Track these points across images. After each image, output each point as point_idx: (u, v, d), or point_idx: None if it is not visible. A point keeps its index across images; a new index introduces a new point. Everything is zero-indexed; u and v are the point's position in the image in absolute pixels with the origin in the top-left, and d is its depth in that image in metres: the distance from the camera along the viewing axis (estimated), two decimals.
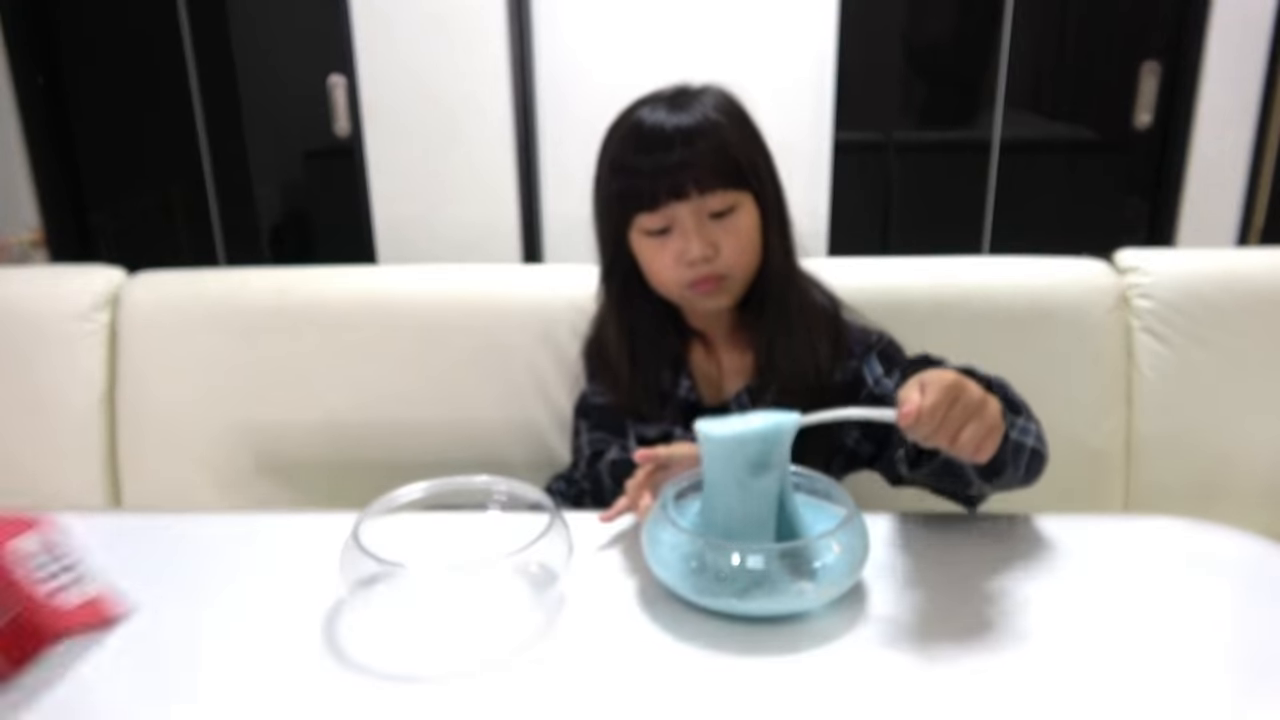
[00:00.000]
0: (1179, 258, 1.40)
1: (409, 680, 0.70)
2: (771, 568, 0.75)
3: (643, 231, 1.00)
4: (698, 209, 0.97)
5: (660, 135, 0.97)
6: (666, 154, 0.96)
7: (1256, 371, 1.32)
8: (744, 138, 1.01)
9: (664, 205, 0.97)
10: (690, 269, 0.99)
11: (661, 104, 0.99)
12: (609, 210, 1.03)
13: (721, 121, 0.98)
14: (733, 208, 0.99)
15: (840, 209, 2.28)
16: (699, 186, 0.96)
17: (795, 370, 1.03)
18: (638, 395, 1.08)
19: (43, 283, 1.45)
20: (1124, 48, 2.27)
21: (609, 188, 1.02)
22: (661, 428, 1.07)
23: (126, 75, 2.50)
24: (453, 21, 2.20)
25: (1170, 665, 0.70)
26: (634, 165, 0.98)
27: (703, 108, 0.98)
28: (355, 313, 1.38)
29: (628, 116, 1.01)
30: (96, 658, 0.73)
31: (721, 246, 0.98)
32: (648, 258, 1.02)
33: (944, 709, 0.66)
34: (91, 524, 0.98)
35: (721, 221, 0.99)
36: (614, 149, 1.01)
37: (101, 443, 1.40)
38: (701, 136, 0.96)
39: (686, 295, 1.02)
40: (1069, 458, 1.34)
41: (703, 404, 1.07)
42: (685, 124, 0.96)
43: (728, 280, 1.01)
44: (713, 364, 1.10)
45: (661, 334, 1.08)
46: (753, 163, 1.00)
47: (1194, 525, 0.91)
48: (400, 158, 2.33)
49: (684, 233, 0.98)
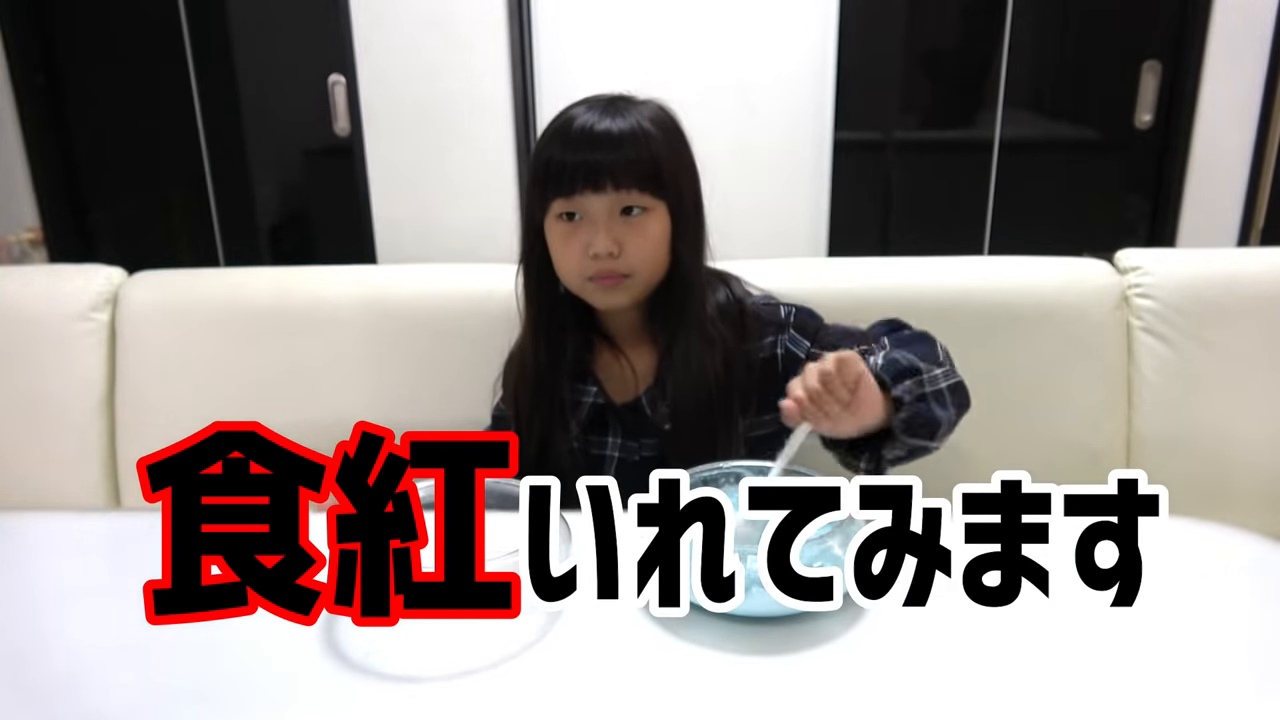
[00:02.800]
0: (1180, 257, 1.39)
1: (409, 680, 0.70)
2: None
3: (555, 217, 1.04)
4: (610, 203, 1.01)
5: (588, 134, 1.01)
6: (591, 150, 1.00)
7: (1257, 371, 1.32)
8: (671, 151, 1.05)
9: (579, 193, 1.01)
10: (594, 262, 1.02)
11: (597, 107, 1.03)
12: (530, 194, 1.07)
13: (651, 132, 1.02)
14: (644, 209, 1.03)
15: (840, 209, 2.28)
16: (614, 183, 1.00)
17: (694, 372, 1.06)
18: (545, 387, 1.10)
19: (42, 282, 1.45)
20: (1124, 47, 2.27)
21: (532, 169, 1.06)
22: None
23: (126, 74, 2.49)
24: (453, 21, 2.20)
25: (1170, 665, 0.70)
26: (559, 157, 1.02)
27: (637, 116, 1.03)
28: (355, 313, 1.38)
29: (563, 114, 1.05)
30: (97, 658, 0.73)
31: (626, 245, 1.02)
32: (557, 245, 1.06)
33: (944, 709, 0.66)
34: (91, 524, 0.98)
35: (631, 220, 1.02)
36: (543, 142, 1.05)
37: (101, 443, 1.40)
38: (628, 141, 1.01)
39: (587, 288, 1.06)
40: (1069, 458, 1.35)
41: (612, 404, 1.11)
42: (614, 128, 1.01)
43: (629, 280, 1.04)
44: (622, 364, 1.12)
45: (569, 324, 1.12)
46: (674, 174, 1.04)
47: (1194, 525, 0.91)
48: (400, 157, 2.33)
49: (592, 224, 1.02)
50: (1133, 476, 0.71)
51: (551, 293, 1.10)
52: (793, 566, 0.69)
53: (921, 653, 0.72)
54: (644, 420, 1.09)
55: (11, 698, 0.69)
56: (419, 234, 2.38)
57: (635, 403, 1.10)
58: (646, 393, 1.10)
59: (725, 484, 0.88)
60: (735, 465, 0.89)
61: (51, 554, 0.91)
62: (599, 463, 1.12)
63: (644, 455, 1.10)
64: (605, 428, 1.12)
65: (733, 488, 0.85)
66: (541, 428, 1.10)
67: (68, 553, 0.91)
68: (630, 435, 1.11)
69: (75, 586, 0.84)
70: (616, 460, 1.12)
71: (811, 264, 1.71)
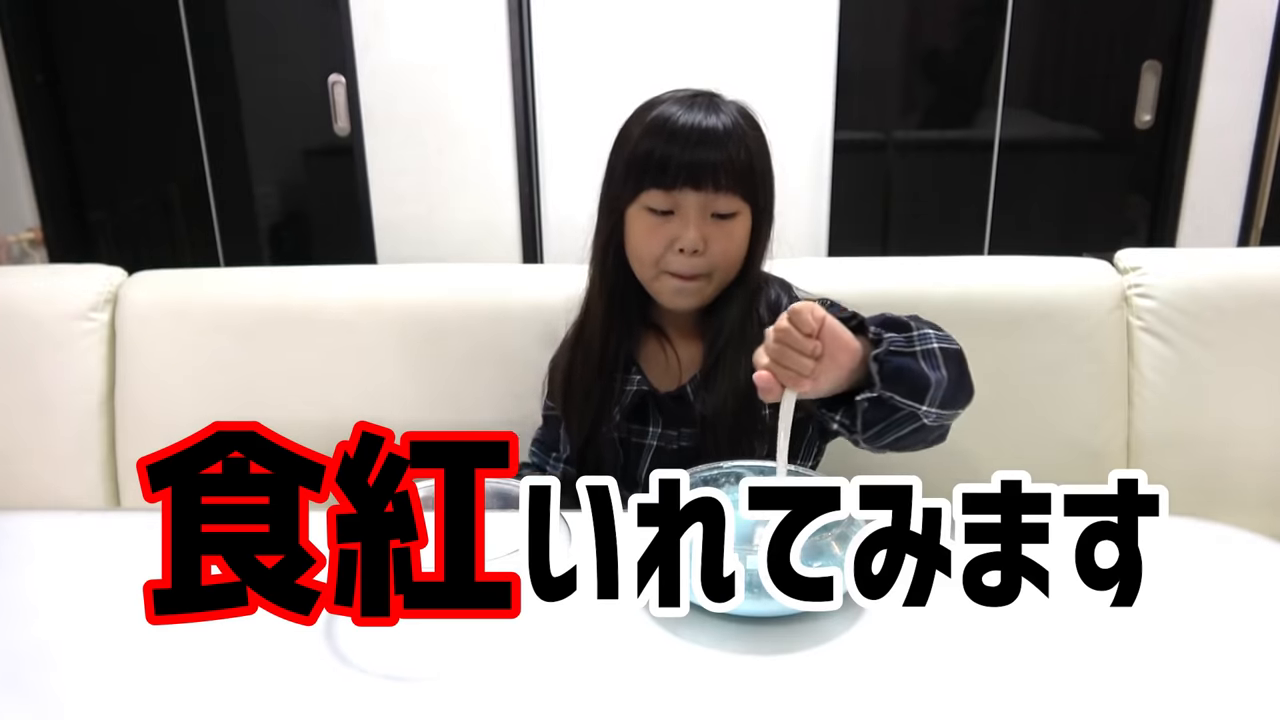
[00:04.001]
0: (1180, 257, 1.39)
1: (409, 680, 0.70)
2: None
3: (645, 208, 1.03)
4: (705, 203, 1.02)
5: (695, 130, 1.00)
6: (697, 148, 1.00)
7: (1257, 371, 1.32)
8: (761, 152, 1.05)
9: (679, 188, 1.00)
10: (678, 256, 1.02)
11: (691, 103, 1.02)
12: (623, 177, 1.05)
13: (748, 131, 1.03)
14: (735, 213, 1.03)
15: (840, 209, 2.28)
16: (715, 184, 1.00)
17: (741, 373, 1.05)
18: (604, 372, 1.10)
19: (42, 282, 1.45)
20: (1124, 47, 2.27)
21: (627, 157, 1.04)
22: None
23: (126, 73, 2.49)
24: (453, 21, 2.20)
25: (1170, 665, 0.70)
26: (664, 151, 1.01)
27: (730, 115, 1.03)
28: (355, 313, 1.38)
29: (655, 108, 1.03)
30: (97, 658, 0.73)
31: (712, 244, 1.02)
32: (640, 233, 1.05)
33: (944, 709, 0.66)
34: (91, 524, 0.98)
35: (720, 223, 1.03)
36: (641, 133, 1.03)
37: (101, 443, 1.40)
38: (731, 140, 1.01)
39: (660, 280, 1.06)
40: (1069, 457, 1.35)
41: (655, 392, 1.11)
42: (719, 126, 1.01)
43: (706, 280, 1.05)
44: (668, 354, 1.13)
45: (634, 313, 1.12)
46: (763, 177, 1.05)
47: (1194, 525, 0.91)
48: (400, 157, 2.33)
49: (685, 220, 1.02)
50: (1133, 476, 0.71)
51: (625, 279, 1.10)
52: (793, 566, 0.69)
53: (921, 653, 0.72)
54: (686, 410, 1.10)
55: (11, 697, 0.69)
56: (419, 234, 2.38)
57: (679, 391, 1.10)
58: (691, 381, 1.10)
59: (725, 484, 0.88)
60: (735, 465, 0.89)
61: (51, 554, 0.91)
62: (638, 452, 1.12)
63: (682, 445, 1.10)
64: (645, 416, 1.12)
65: (733, 487, 0.85)
66: (592, 414, 1.11)
67: (68, 553, 0.91)
68: (670, 424, 1.11)
69: (75, 586, 0.84)
70: (654, 449, 1.12)
71: (811, 264, 1.71)
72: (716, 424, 1.07)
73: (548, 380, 1.20)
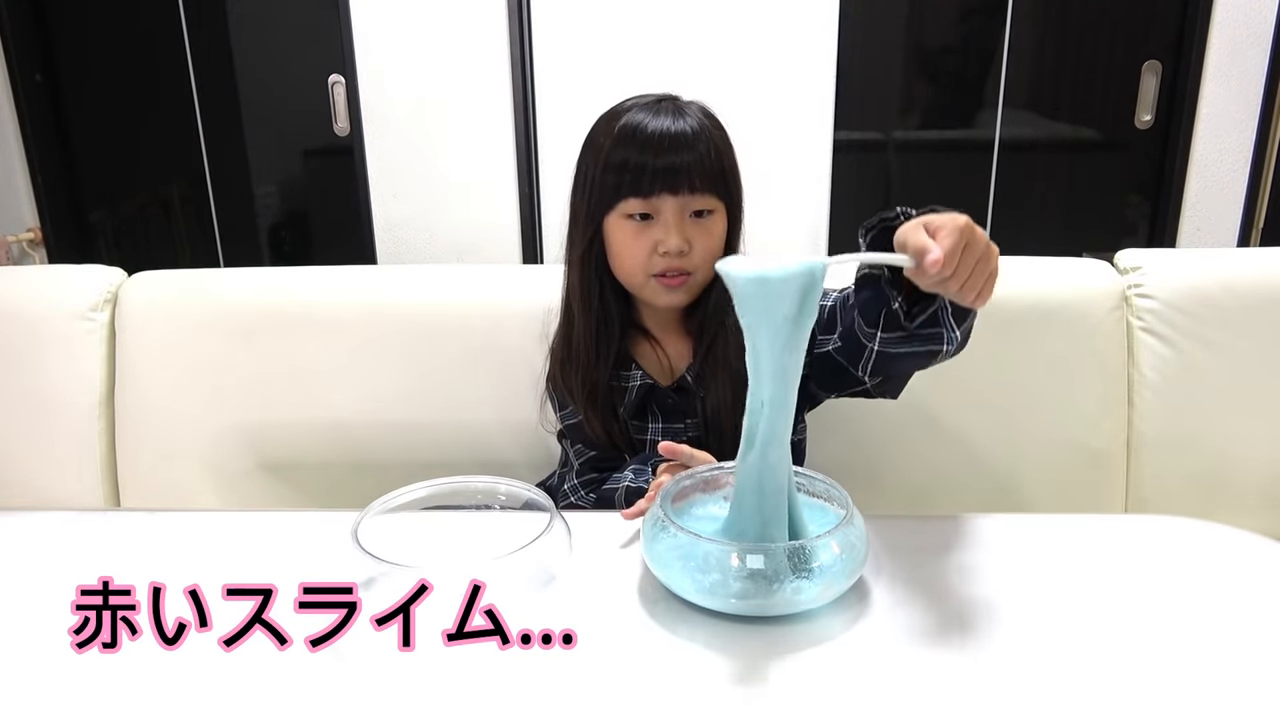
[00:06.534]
0: (1180, 257, 1.39)
1: (408, 680, 0.70)
2: (770, 567, 0.75)
3: (624, 215, 1.05)
4: (683, 205, 1.04)
5: (665, 136, 1.03)
6: (669, 154, 1.02)
7: (1257, 371, 1.32)
8: (728, 149, 1.08)
9: (656, 195, 1.03)
10: (663, 260, 1.04)
11: (656, 109, 1.05)
12: (599, 187, 1.07)
13: (713, 131, 1.06)
14: (711, 211, 1.06)
15: (840, 209, 2.28)
16: (690, 186, 1.03)
17: (731, 363, 1.07)
18: (601, 377, 1.11)
19: (42, 283, 1.45)
20: (1124, 47, 2.27)
21: (601, 168, 1.06)
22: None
23: (125, 74, 2.50)
24: (453, 21, 2.21)
25: (1170, 665, 0.70)
26: (638, 159, 1.03)
27: (695, 117, 1.05)
28: (354, 313, 1.37)
29: (621, 116, 1.05)
30: (97, 657, 0.73)
31: (695, 244, 1.04)
32: (622, 242, 1.06)
33: (944, 709, 0.66)
34: (91, 524, 0.98)
35: (699, 222, 1.05)
36: (611, 144, 1.05)
37: (100, 443, 1.40)
38: (700, 142, 1.03)
39: (649, 285, 1.07)
40: (1070, 458, 1.35)
41: (657, 386, 1.12)
42: (687, 129, 1.03)
43: (691, 279, 1.07)
44: (659, 353, 1.14)
45: (617, 317, 1.12)
46: (733, 173, 1.08)
47: (1195, 525, 0.91)
48: (399, 158, 2.33)
49: (665, 224, 1.04)
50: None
51: (607, 286, 1.11)
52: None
53: (921, 653, 0.72)
54: (687, 401, 1.11)
55: (11, 698, 0.69)
56: (419, 234, 2.38)
57: (679, 384, 1.12)
58: (689, 370, 1.12)
59: (725, 484, 0.88)
60: (735, 465, 0.89)
61: (51, 554, 0.91)
62: (642, 449, 1.13)
63: (689, 436, 1.11)
64: (645, 413, 1.13)
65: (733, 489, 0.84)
66: (599, 416, 1.12)
67: (68, 553, 0.91)
68: (671, 418, 1.12)
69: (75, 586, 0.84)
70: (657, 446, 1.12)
71: None
72: (720, 412, 1.08)
73: (553, 397, 1.20)
